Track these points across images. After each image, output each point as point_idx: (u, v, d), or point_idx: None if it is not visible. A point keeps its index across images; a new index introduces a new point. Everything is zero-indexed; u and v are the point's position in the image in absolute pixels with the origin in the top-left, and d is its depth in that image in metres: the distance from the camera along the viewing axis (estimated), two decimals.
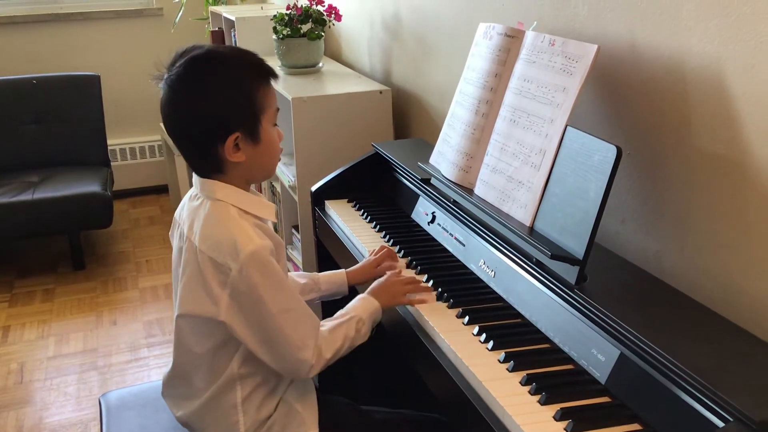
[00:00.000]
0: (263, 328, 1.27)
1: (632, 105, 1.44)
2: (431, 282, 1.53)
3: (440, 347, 1.33)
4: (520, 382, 1.17)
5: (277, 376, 1.38)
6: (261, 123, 1.29)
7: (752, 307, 1.22)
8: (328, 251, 2.09)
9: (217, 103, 1.25)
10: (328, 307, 1.69)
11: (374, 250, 1.68)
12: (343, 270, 1.66)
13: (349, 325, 1.38)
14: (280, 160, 1.38)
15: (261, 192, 3.25)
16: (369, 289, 1.50)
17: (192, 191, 1.38)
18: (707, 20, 1.24)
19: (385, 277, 1.53)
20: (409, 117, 2.59)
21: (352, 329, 1.38)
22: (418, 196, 1.91)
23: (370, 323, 1.43)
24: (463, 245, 1.63)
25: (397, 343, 1.54)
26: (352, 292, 1.60)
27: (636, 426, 1.06)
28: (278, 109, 1.33)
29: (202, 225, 1.28)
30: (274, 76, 1.32)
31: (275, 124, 1.34)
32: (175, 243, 1.39)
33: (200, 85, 1.26)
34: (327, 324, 1.39)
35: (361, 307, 1.43)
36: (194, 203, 1.34)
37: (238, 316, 1.26)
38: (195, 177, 1.35)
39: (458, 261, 1.63)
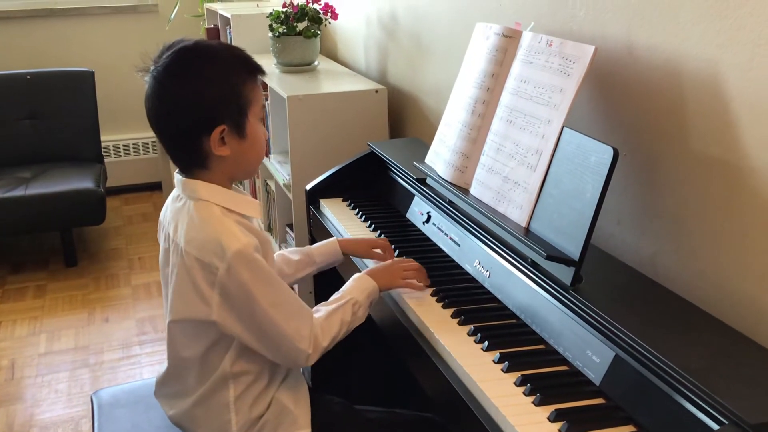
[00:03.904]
0: (256, 323, 1.27)
1: (629, 106, 1.44)
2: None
3: (434, 347, 1.33)
4: (515, 383, 1.17)
5: (270, 373, 1.38)
6: (247, 117, 1.28)
7: (747, 309, 1.22)
8: None
9: (204, 94, 1.24)
10: (322, 290, 1.66)
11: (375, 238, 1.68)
12: (334, 238, 1.66)
13: (345, 310, 1.38)
14: (264, 157, 1.36)
15: (255, 189, 3.24)
16: (366, 269, 1.49)
17: (174, 192, 1.36)
18: (705, 22, 1.24)
19: (387, 262, 1.53)
20: (405, 116, 2.59)
21: (348, 313, 1.38)
22: (413, 195, 1.91)
23: (367, 304, 1.42)
24: (458, 245, 1.63)
25: (391, 343, 1.54)
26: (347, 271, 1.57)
27: (630, 428, 1.06)
28: (264, 106, 1.32)
29: (187, 226, 1.27)
30: (262, 72, 1.32)
31: (262, 120, 1.33)
32: (161, 244, 1.38)
33: (187, 76, 1.25)
34: (322, 309, 1.38)
35: (357, 288, 1.42)
36: (177, 204, 1.33)
37: (231, 315, 1.26)
38: (177, 177, 1.34)
39: (453, 261, 1.62)
